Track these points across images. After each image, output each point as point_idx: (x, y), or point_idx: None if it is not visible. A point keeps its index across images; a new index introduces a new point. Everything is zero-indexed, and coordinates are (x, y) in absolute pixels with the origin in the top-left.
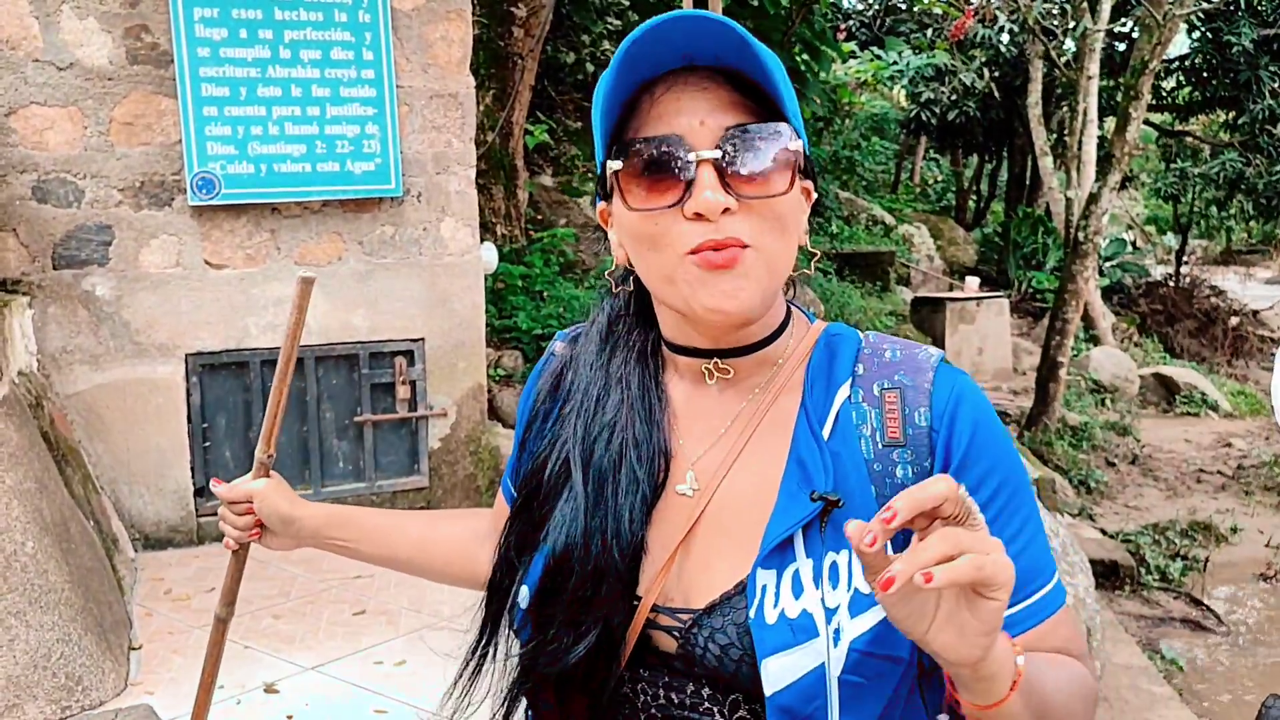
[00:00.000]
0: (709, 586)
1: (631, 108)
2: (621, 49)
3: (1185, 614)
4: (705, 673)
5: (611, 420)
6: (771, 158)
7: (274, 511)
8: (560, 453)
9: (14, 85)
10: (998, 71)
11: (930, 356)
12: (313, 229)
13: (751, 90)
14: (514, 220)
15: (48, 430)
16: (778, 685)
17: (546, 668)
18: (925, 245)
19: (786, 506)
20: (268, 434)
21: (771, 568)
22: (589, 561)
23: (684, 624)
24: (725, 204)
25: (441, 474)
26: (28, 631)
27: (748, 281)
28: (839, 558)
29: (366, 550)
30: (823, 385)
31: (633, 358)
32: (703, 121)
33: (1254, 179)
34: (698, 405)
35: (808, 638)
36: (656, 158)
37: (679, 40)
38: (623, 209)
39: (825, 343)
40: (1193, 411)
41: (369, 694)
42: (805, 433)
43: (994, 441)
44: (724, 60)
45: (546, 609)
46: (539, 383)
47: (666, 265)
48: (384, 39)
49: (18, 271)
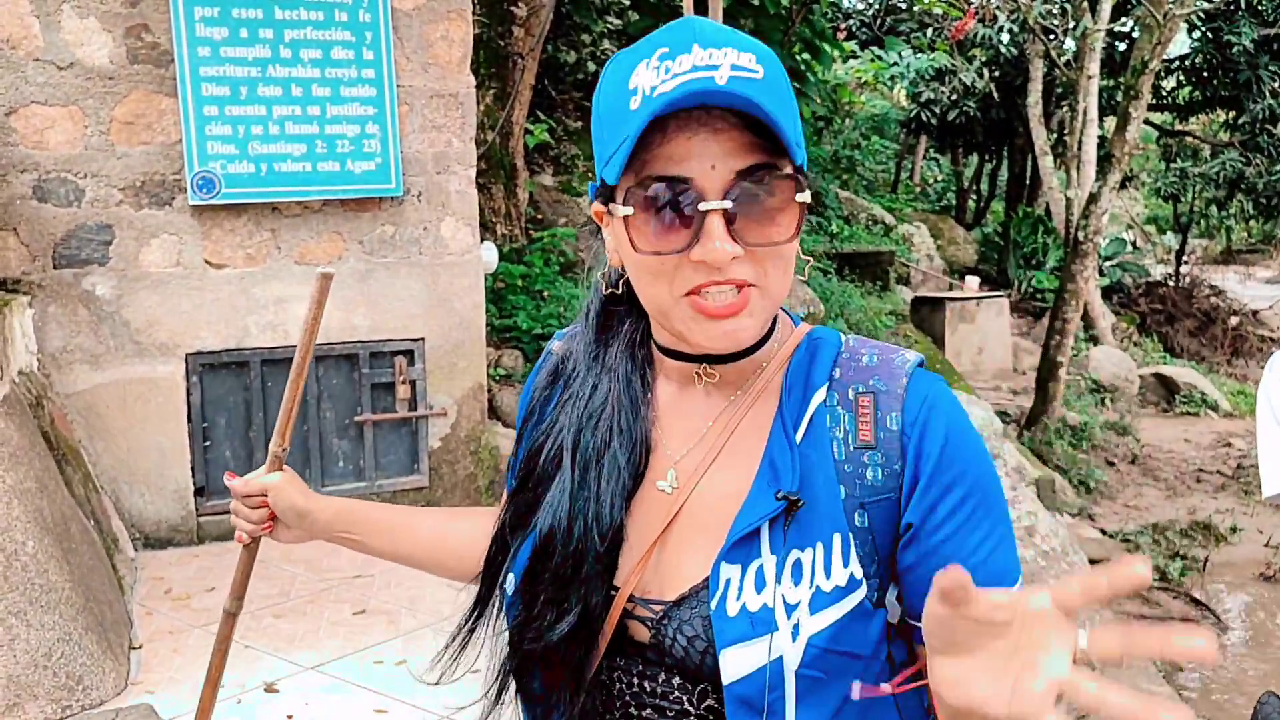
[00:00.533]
0: (680, 579)
1: (642, 137)
2: (649, 106)
3: (1185, 614)
4: (675, 663)
5: (600, 408)
6: (779, 206)
7: (289, 505)
8: (556, 438)
9: (14, 85)
10: (998, 71)
11: (906, 362)
12: (313, 228)
13: (762, 127)
14: (514, 220)
15: (48, 430)
16: (735, 675)
17: (531, 643)
18: (925, 245)
19: (753, 504)
20: (282, 428)
21: (736, 562)
22: (571, 543)
23: (656, 615)
24: (733, 253)
25: (441, 473)
26: (28, 631)
27: (750, 320)
28: (803, 555)
29: (377, 545)
30: (800, 389)
31: (624, 348)
32: (714, 166)
33: (1254, 178)
34: (683, 406)
35: (766, 630)
36: (666, 203)
37: (698, 93)
38: (629, 248)
39: (806, 346)
40: (1192, 411)
41: (369, 693)
42: (780, 435)
43: (965, 447)
44: (739, 104)
45: (534, 587)
46: (536, 379)
47: (664, 301)
48: (384, 38)
49: (18, 271)
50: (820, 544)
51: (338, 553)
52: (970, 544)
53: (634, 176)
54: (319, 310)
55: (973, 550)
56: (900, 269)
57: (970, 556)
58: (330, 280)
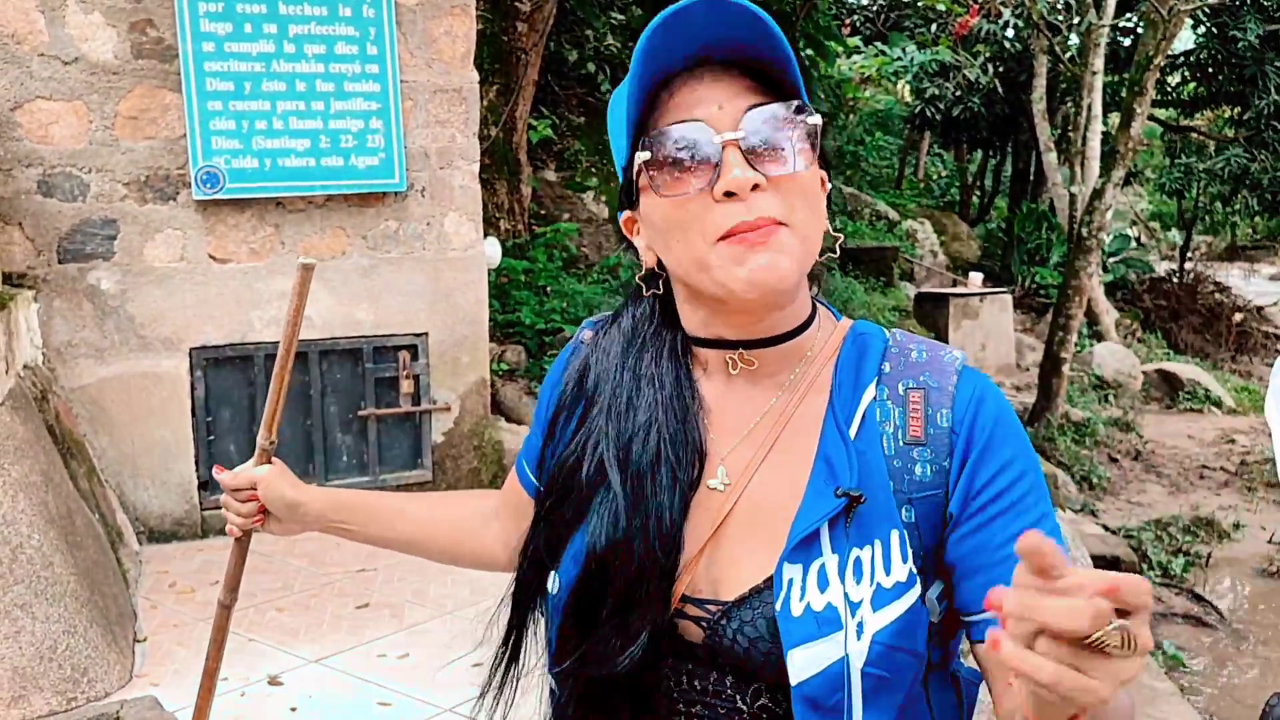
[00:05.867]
0: (738, 580)
1: (650, 105)
2: (641, 44)
3: (1187, 610)
4: (730, 662)
5: (647, 420)
6: (792, 134)
7: (278, 497)
8: (594, 454)
9: (19, 80)
10: (1002, 67)
11: (955, 359)
12: (317, 223)
13: (765, 77)
14: (517, 215)
15: (53, 424)
16: (803, 676)
17: (596, 671)
18: (929, 241)
19: (812, 503)
20: (269, 420)
21: (798, 562)
22: (633, 561)
23: (712, 615)
24: (754, 180)
25: (445, 468)
26: (33, 623)
27: (782, 256)
28: (862, 553)
29: (371, 532)
30: (850, 384)
31: (662, 357)
32: (721, 106)
33: (1259, 174)
34: (727, 401)
35: (832, 630)
36: (681, 143)
37: (695, 28)
38: (652, 201)
39: (853, 341)
40: (1196, 407)
41: (372, 686)
42: (833, 431)
43: (1015, 436)
44: (738, 45)
45: (589, 610)
46: (566, 371)
47: (699, 251)
48: (388, 33)
49: (23, 265)
50: (879, 540)
51: (341, 546)
52: (1023, 526)
53: (649, 133)
54: (301, 302)
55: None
56: (904, 265)
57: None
58: (311, 271)
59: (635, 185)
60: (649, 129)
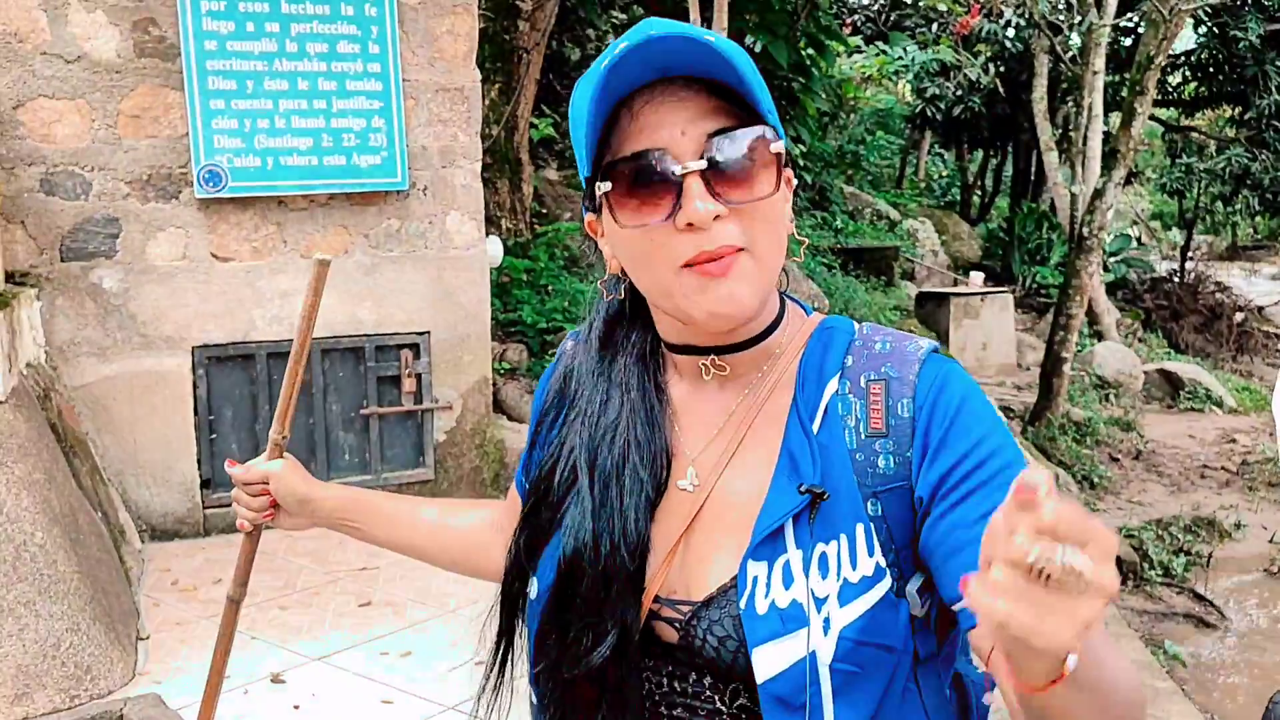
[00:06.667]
0: (707, 579)
1: (611, 123)
2: (600, 71)
3: (1188, 609)
4: (705, 663)
5: (614, 423)
6: (755, 161)
7: (290, 492)
8: (568, 458)
9: (22, 78)
10: (1003, 67)
11: (920, 349)
12: (319, 222)
13: (728, 94)
14: (519, 214)
15: (56, 422)
16: (769, 673)
17: (570, 670)
18: (930, 240)
19: (776, 499)
20: (282, 415)
21: (762, 559)
22: (599, 563)
23: (684, 615)
24: (715, 212)
25: (447, 466)
26: (37, 621)
27: (742, 284)
28: (828, 548)
29: (378, 534)
30: (814, 379)
31: (632, 360)
32: (684, 131)
33: (1260, 174)
34: (697, 402)
35: (797, 626)
36: (643, 173)
37: (655, 56)
38: (614, 227)
39: (819, 336)
40: (1197, 407)
41: (375, 684)
42: (796, 427)
43: (984, 418)
44: (698, 69)
45: (563, 613)
46: (549, 383)
47: (663, 280)
48: (390, 32)
49: (26, 264)
50: (844, 535)
51: (344, 545)
52: (997, 502)
53: (611, 158)
54: (316, 298)
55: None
56: (905, 264)
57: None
58: (328, 267)
59: (598, 202)
60: (610, 150)
